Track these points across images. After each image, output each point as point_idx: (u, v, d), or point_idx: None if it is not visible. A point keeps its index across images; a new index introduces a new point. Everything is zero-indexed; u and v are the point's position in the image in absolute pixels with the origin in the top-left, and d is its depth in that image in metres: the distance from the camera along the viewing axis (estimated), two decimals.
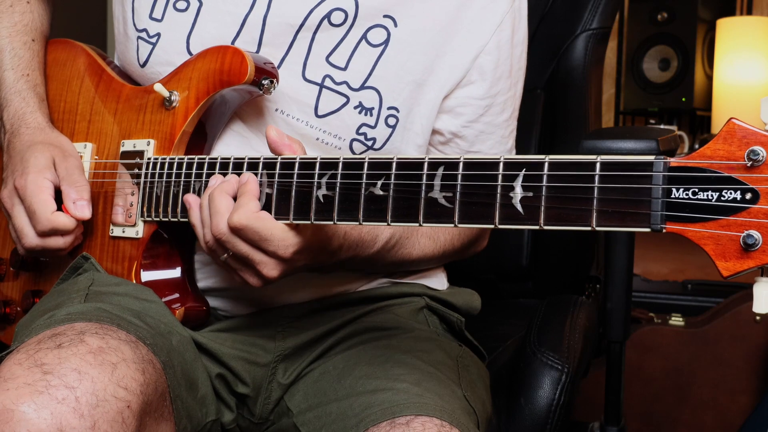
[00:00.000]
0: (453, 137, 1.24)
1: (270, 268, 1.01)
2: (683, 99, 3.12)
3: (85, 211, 1.15)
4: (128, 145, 1.18)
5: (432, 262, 1.29)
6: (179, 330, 1.09)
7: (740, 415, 2.35)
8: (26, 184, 1.14)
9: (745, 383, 2.38)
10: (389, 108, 1.17)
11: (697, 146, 3.12)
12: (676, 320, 2.52)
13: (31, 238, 1.15)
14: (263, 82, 1.10)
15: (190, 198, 1.07)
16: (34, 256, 1.20)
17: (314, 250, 1.03)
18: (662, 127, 2.89)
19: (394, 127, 1.17)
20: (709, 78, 3.17)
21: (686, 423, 2.44)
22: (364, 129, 1.16)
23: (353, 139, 1.16)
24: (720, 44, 3.11)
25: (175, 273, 1.16)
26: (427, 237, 1.22)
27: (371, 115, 1.16)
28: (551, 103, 1.74)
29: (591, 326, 1.47)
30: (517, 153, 1.35)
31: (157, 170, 1.13)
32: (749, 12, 3.34)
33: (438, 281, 1.34)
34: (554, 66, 1.73)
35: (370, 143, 1.17)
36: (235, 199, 1.01)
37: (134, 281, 1.14)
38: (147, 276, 1.14)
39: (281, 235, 0.98)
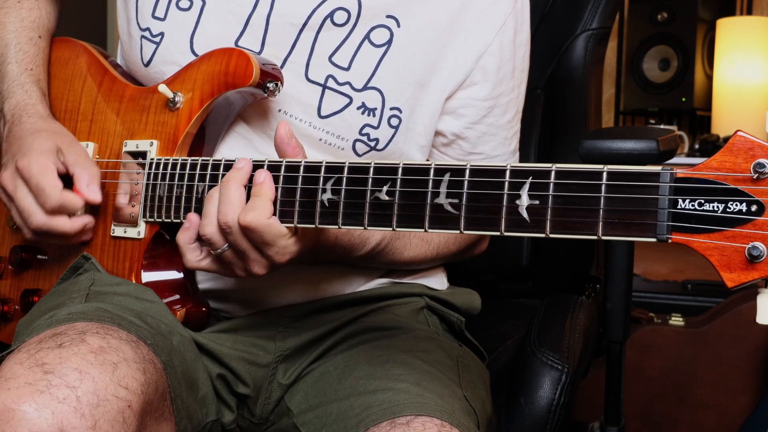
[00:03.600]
0: (456, 138, 1.24)
1: (259, 267, 1.03)
2: (683, 99, 3.12)
3: (97, 195, 1.15)
4: (131, 146, 1.18)
5: (425, 264, 1.29)
6: (180, 330, 1.09)
7: (740, 415, 2.35)
8: (30, 163, 1.13)
9: (745, 383, 2.38)
10: (392, 108, 1.17)
11: (697, 146, 3.12)
12: (676, 320, 2.53)
13: (38, 217, 1.13)
14: (268, 84, 1.10)
15: (192, 217, 1.07)
16: (38, 241, 1.18)
17: (307, 254, 1.05)
18: (662, 127, 2.89)
19: (396, 127, 1.17)
20: (709, 78, 3.18)
21: (686, 423, 2.44)
22: (367, 129, 1.17)
23: (356, 140, 1.17)
24: (720, 44, 3.11)
25: (177, 274, 1.16)
26: (419, 239, 1.23)
27: (374, 115, 1.16)
28: (551, 103, 1.74)
29: (591, 326, 1.47)
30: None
31: (160, 171, 1.13)
32: (749, 12, 3.34)
33: (438, 281, 1.34)
34: (554, 66, 1.73)
35: (373, 144, 1.17)
36: (246, 189, 1.01)
37: (135, 282, 1.14)
38: (148, 277, 1.14)
39: (283, 243, 1.00)
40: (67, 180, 1.15)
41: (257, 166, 1.03)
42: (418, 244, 1.23)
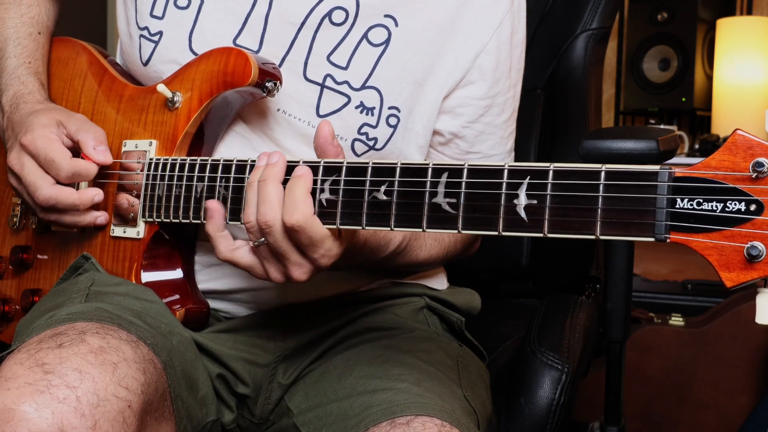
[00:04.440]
0: (453, 138, 1.24)
1: (302, 272, 0.99)
2: (683, 99, 3.12)
3: (107, 155, 1.14)
4: (130, 146, 1.18)
5: (436, 264, 1.30)
6: (180, 330, 1.09)
7: (740, 415, 2.35)
8: (35, 138, 1.12)
9: (745, 383, 2.38)
10: (390, 108, 1.17)
11: (697, 146, 3.13)
12: (676, 320, 2.53)
13: (45, 189, 1.11)
14: (267, 84, 1.10)
15: (212, 204, 1.03)
16: (48, 219, 1.17)
17: (343, 257, 1.01)
18: (662, 127, 2.89)
19: (395, 127, 1.17)
20: (709, 78, 3.18)
21: (686, 423, 2.44)
22: (365, 129, 1.17)
23: (355, 139, 1.17)
24: (720, 44, 3.11)
25: (176, 274, 1.16)
26: (432, 239, 1.23)
27: (372, 114, 1.16)
28: (551, 103, 1.74)
29: (591, 326, 1.47)
30: (516, 153, 1.36)
31: (159, 171, 1.13)
32: (749, 12, 3.34)
33: (438, 281, 1.34)
34: (554, 66, 1.73)
35: (371, 143, 1.17)
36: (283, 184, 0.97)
37: (134, 282, 1.14)
38: (147, 277, 1.14)
39: (329, 244, 0.97)
40: (73, 153, 1.15)
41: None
42: (432, 244, 1.23)
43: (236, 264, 1.03)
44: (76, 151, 1.15)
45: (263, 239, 0.98)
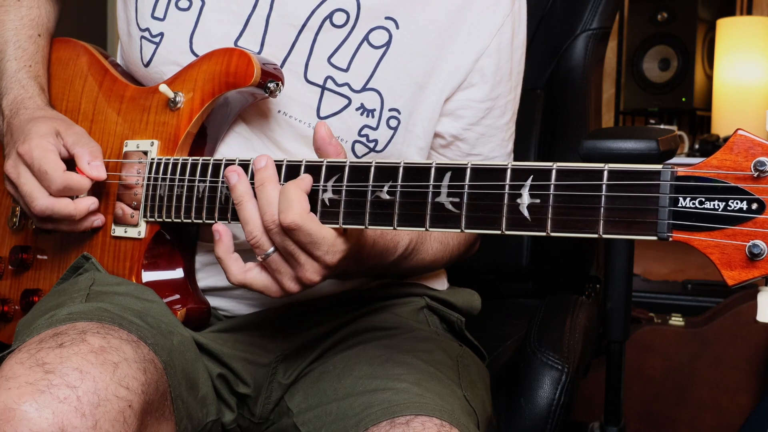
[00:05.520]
0: (454, 140, 1.24)
1: (313, 272, 0.98)
2: (683, 99, 3.12)
3: (101, 171, 1.14)
4: (132, 146, 1.18)
5: (440, 267, 1.30)
6: (180, 330, 1.09)
7: (740, 415, 2.35)
8: (31, 148, 1.12)
9: (745, 383, 2.38)
10: (390, 110, 1.17)
11: (697, 146, 3.13)
12: (676, 320, 2.53)
13: (41, 200, 1.11)
14: (269, 84, 1.10)
15: (219, 227, 1.03)
16: (47, 229, 1.18)
17: (353, 257, 1.01)
18: (662, 127, 2.89)
19: (395, 129, 1.17)
20: (709, 78, 3.18)
21: (686, 423, 2.44)
22: (366, 131, 1.17)
23: (355, 141, 1.17)
24: (720, 44, 3.11)
25: (177, 273, 1.16)
26: (438, 242, 1.23)
27: (373, 116, 1.17)
28: (551, 103, 1.74)
29: (591, 326, 1.47)
30: (516, 153, 1.36)
31: (161, 171, 1.13)
32: (749, 12, 3.34)
33: (438, 281, 1.35)
34: (554, 66, 1.73)
35: (372, 145, 1.17)
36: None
37: (135, 281, 1.14)
38: (148, 276, 1.14)
39: (332, 240, 0.96)
40: (70, 164, 1.14)
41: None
42: (437, 248, 1.23)
43: (250, 286, 1.02)
44: (71, 162, 1.15)
45: (272, 249, 0.98)
